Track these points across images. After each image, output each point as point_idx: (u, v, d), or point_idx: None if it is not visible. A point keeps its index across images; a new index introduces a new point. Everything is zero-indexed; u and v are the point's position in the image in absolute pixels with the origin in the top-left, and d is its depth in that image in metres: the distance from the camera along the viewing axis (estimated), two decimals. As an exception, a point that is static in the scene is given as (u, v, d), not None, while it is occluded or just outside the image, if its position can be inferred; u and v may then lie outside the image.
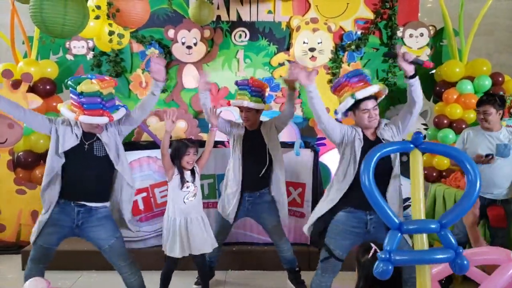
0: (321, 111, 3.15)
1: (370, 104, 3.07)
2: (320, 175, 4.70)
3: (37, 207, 5.06)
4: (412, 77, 2.94)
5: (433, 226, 1.49)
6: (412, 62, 2.90)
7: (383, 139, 3.05)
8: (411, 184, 1.53)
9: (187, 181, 3.62)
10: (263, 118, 4.12)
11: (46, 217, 3.20)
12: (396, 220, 1.49)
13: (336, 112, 3.30)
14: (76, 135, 3.18)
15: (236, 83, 4.09)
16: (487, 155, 3.73)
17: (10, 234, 5.14)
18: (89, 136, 3.22)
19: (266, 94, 4.09)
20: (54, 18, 3.13)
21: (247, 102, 3.86)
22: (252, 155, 3.91)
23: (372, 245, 1.92)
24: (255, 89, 3.90)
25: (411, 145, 1.52)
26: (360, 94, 3.05)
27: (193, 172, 3.70)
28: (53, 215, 3.21)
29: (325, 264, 3.15)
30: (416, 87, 2.98)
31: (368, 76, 3.17)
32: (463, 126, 5.06)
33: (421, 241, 1.52)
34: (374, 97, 3.11)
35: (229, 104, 4.33)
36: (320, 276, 3.21)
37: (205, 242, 3.65)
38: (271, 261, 4.42)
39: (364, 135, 3.12)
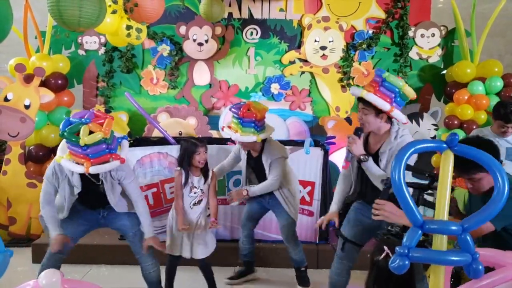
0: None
1: (360, 105, 3.00)
2: (329, 173, 4.70)
3: (47, 200, 5.10)
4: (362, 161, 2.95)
5: (454, 228, 1.49)
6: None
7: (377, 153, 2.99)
8: (438, 184, 1.53)
9: (195, 187, 3.60)
10: (271, 116, 4.10)
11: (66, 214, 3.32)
12: (420, 218, 1.49)
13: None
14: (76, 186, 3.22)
15: (230, 109, 3.90)
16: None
17: (21, 227, 5.19)
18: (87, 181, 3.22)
19: (261, 122, 3.80)
20: (70, 10, 3.15)
21: (236, 136, 3.79)
22: (255, 179, 4.02)
23: (385, 248, 1.92)
24: (247, 121, 3.72)
25: (445, 145, 1.52)
26: (352, 91, 3.06)
27: (206, 175, 3.67)
28: (75, 210, 3.33)
29: (342, 252, 3.23)
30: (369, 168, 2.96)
31: (379, 78, 2.97)
32: (474, 127, 5.04)
33: (441, 242, 1.52)
34: (367, 102, 2.94)
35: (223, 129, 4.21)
36: (338, 264, 3.26)
37: (204, 248, 3.63)
38: (278, 258, 4.43)
39: (365, 145, 3.08)
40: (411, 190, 2.36)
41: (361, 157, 2.93)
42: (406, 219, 2.12)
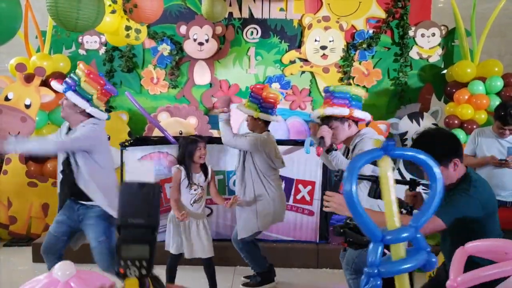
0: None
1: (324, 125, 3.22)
2: (329, 173, 4.70)
3: (48, 200, 5.12)
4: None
5: (408, 234, 1.49)
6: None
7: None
8: (382, 192, 1.53)
9: (195, 184, 3.62)
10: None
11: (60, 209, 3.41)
12: (379, 233, 1.49)
13: None
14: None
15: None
16: (501, 160, 3.76)
17: (21, 227, 5.19)
18: None
19: (270, 103, 4.03)
20: (68, 12, 3.17)
21: (237, 106, 4.14)
22: None
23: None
24: (253, 95, 3.97)
25: (382, 152, 1.54)
26: (311, 116, 3.46)
27: (205, 172, 3.69)
28: (64, 208, 3.39)
29: (344, 252, 3.24)
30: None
31: (328, 93, 3.25)
32: (474, 126, 5.04)
33: (399, 250, 1.52)
34: (329, 118, 3.19)
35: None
36: (343, 265, 3.26)
37: (203, 248, 3.64)
38: (279, 257, 4.44)
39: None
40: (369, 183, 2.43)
41: (333, 145, 3.15)
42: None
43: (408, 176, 4.63)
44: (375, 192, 2.36)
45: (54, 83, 3.42)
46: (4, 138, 4.90)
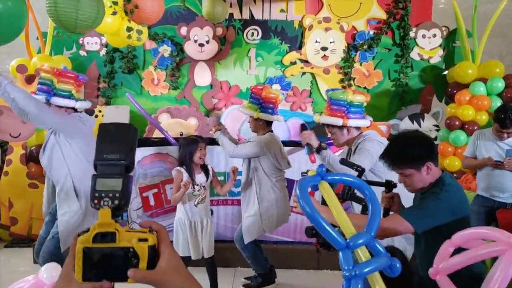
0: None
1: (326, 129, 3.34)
2: (330, 174, 4.70)
3: (49, 201, 5.12)
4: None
5: (363, 240, 1.58)
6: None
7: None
8: (333, 212, 1.66)
9: (197, 184, 3.62)
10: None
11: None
12: (342, 241, 1.58)
13: None
14: None
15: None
16: (497, 162, 3.76)
17: (22, 228, 5.20)
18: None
19: (271, 104, 4.00)
20: (67, 13, 3.18)
21: (239, 107, 4.12)
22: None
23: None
24: (254, 96, 3.96)
25: (319, 177, 1.69)
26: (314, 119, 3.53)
27: (206, 173, 3.70)
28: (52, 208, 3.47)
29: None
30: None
31: (331, 100, 3.27)
32: (475, 127, 5.04)
33: (365, 251, 1.60)
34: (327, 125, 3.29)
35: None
36: None
37: (209, 247, 3.66)
38: (280, 259, 4.44)
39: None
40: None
41: (322, 144, 3.19)
42: (323, 211, 2.18)
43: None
44: (347, 194, 2.37)
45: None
46: (5, 139, 4.96)
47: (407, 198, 2.46)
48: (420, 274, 2.31)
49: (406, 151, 2.20)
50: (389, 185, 2.39)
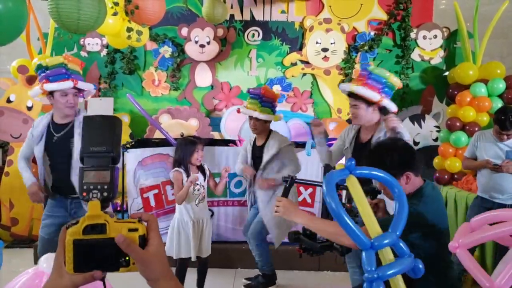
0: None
1: (350, 101, 3.15)
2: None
3: (49, 202, 5.12)
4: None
5: (390, 240, 1.55)
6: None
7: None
8: (358, 207, 1.61)
9: (197, 184, 3.62)
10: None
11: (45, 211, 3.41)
12: (367, 241, 1.54)
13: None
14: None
15: (248, 91, 4.10)
16: (495, 165, 3.76)
17: (23, 228, 5.20)
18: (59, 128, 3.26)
19: (276, 104, 4.11)
20: (69, 13, 3.18)
21: (257, 113, 3.89)
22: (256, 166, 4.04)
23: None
24: (266, 100, 3.93)
25: (347, 171, 1.64)
26: (341, 87, 3.24)
27: (203, 173, 3.70)
28: (50, 208, 3.37)
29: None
30: None
31: (365, 71, 3.14)
32: (476, 129, 5.02)
33: (389, 253, 1.57)
34: (356, 96, 3.09)
35: (238, 112, 4.29)
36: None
37: (208, 247, 3.67)
38: (280, 260, 4.43)
39: (357, 136, 3.23)
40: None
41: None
42: (302, 217, 2.15)
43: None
44: (287, 192, 2.39)
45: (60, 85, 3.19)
46: (6, 139, 4.96)
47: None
48: None
49: (386, 160, 2.17)
50: (373, 192, 2.36)
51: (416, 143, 5.37)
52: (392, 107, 3.14)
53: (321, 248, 2.15)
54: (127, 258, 0.86)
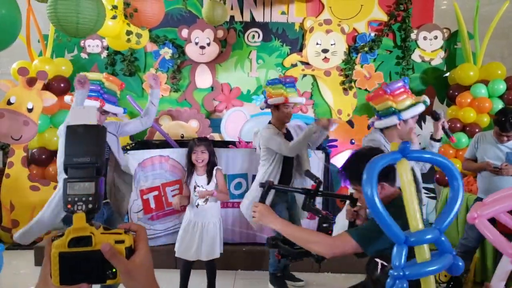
0: None
1: (413, 122, 3.16)
2: (331, 177, 4.69)
3: (50, 203, 5.12)
4: (438, 140, 3.29)
5: (432, 235, 1.47)
6: (444, 130, 3.26)
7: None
8: (403, 195, 1.52)
9: (198, 186, 3.60)
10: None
11: None
12: (402, 235, 1.48)
13: (372, 124, 3.29)
14: None
15: (285, 81, 3.93)
16: (495, 168, 3.75)
17: (23, 230, 5.20)
18: None
19: None
20: (68, 17, 3.18)
21: (301, 100, 4.06)
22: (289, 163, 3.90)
23: (378, 260, 1.90)
24: (291, 81, 3.98)
25: (400, 155, 1.52)
26: (406, 115, 3.09)
27: (210, 175, 3.65)
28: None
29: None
30: (436, 149, 3.31)
31: (406, 82, 3.17)
32: (477, 130, 5.02)
33: (423, 252, 1.49)
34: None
35: (286, 101, 4.15)
36: None
37: (215, 249, 3.62)
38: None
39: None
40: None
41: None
42: (277, 223, 2.13)
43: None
44: (304, 205, 2.38)
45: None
46: (7, 141, 4.97)
47: None
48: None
49: (361, 169, 2.15)
50: (353, 198, 2.34)
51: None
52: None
53: (298, 254, 2.16)
54: (113, 270, 0.85)
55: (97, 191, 0.89)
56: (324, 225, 2.23)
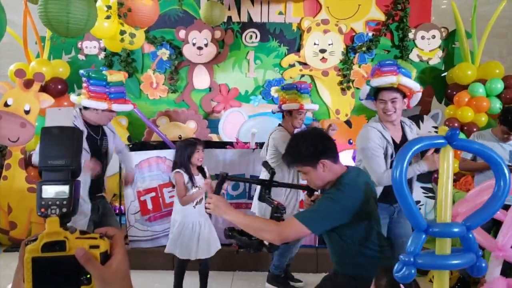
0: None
1: (387, 95, 2.95)
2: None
3: (47, 205, 5.11)
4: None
5: (458, 230, 1.39)
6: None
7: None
8: (438, 183, 1.44)
9: (196, 186, 3.60)
10: (271, 119, 4.12)
11: None
12: (424, 222, 1.43)
13: (360, 98, 3.29)
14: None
15: (300, 87, 3.97)
16: None
17: (21, 232, 5.19)
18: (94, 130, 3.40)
19: None
20: (58, 17, 3.18)
21: (314, 106, 4.19)
22: None
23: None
24: (305, 87, 4.02)
25: (445, 141, 1.43)
26: (374, 82, 2.98)
27: (203, 173, 3.68)
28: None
29: None
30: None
31: (401, 69, 3.00)
32: (474, 129, 5.01)
33: (444, 245, 1.43)
34: (397, 90, 2.95)
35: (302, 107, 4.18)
36: None
37: (211, 246, 3.64)
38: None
39: (392, 140, 3.03)
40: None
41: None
42: (230, 214, 2.14)
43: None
44: (260, 196, 2.40)
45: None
46: (4, 143, 4.97)
47: None
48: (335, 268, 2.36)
49: (301, 149, 2.18)
50: (311, 188, 2.35)
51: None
52: (419, 96, 3.11)
53: (252, 244, 2.18)
54: (88, 275, 0.82)
55: (71, 195, 0.86)
56: (276, 214, 2.24)
